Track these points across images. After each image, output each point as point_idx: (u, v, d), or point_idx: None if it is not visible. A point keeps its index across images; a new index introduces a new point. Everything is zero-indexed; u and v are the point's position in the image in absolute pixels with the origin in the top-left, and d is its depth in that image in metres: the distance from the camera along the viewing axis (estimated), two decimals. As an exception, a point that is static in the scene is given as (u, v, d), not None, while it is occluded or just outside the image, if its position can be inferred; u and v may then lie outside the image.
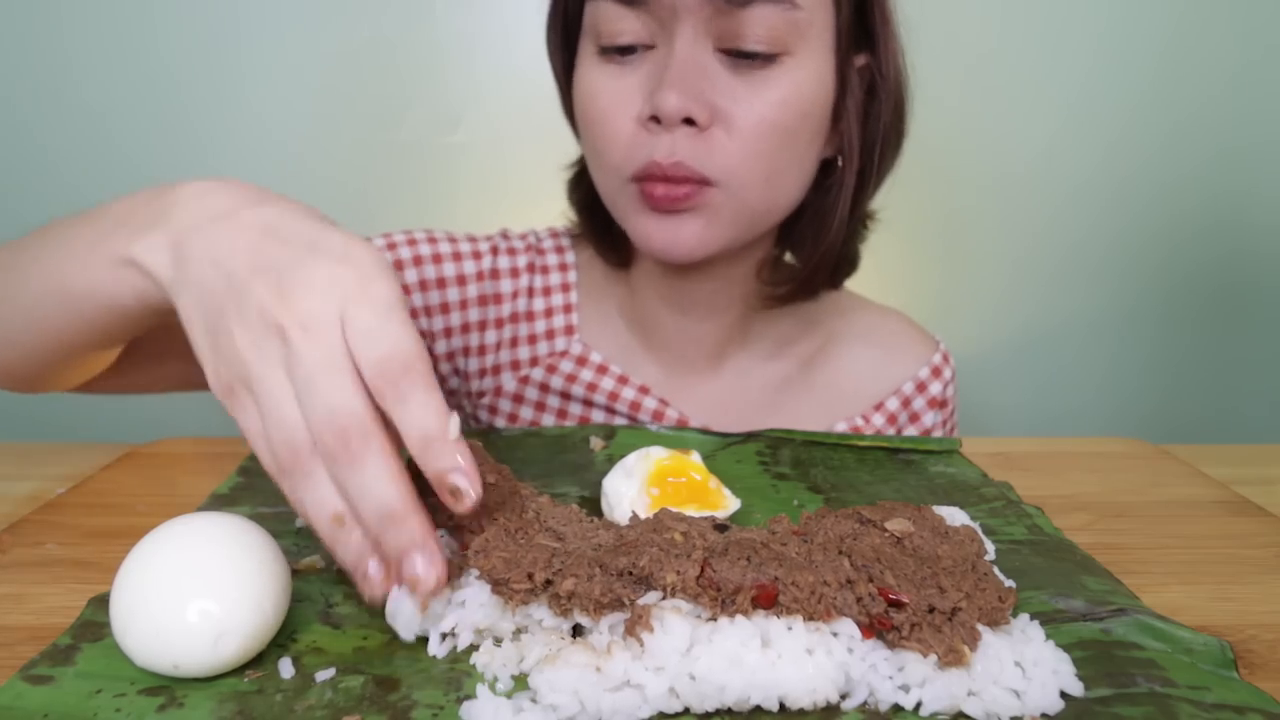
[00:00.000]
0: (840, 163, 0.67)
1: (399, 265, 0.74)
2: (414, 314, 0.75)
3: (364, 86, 1.20)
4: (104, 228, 0.44)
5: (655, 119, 0.60)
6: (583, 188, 0.75)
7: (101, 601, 0.39)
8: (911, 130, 0.70)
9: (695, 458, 0.50)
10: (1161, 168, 1.25)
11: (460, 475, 0.35)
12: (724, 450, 0.60)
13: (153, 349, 0.58)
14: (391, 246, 0.75)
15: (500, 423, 0.78)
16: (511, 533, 0.40)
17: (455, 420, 0.36)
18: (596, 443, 0.60)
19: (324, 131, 1.22)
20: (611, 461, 0.52)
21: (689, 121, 0.60)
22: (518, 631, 0.38)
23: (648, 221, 0.64)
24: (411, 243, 0.76)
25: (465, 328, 0.77)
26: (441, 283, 0.76)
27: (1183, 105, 1.23)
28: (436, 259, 0.76)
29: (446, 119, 1.22)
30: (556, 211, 0.81)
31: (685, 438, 0.61)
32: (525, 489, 0.45)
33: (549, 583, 0.37)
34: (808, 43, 0.60)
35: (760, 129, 0.60)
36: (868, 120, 0.66)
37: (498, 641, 0.37)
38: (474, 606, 0.37)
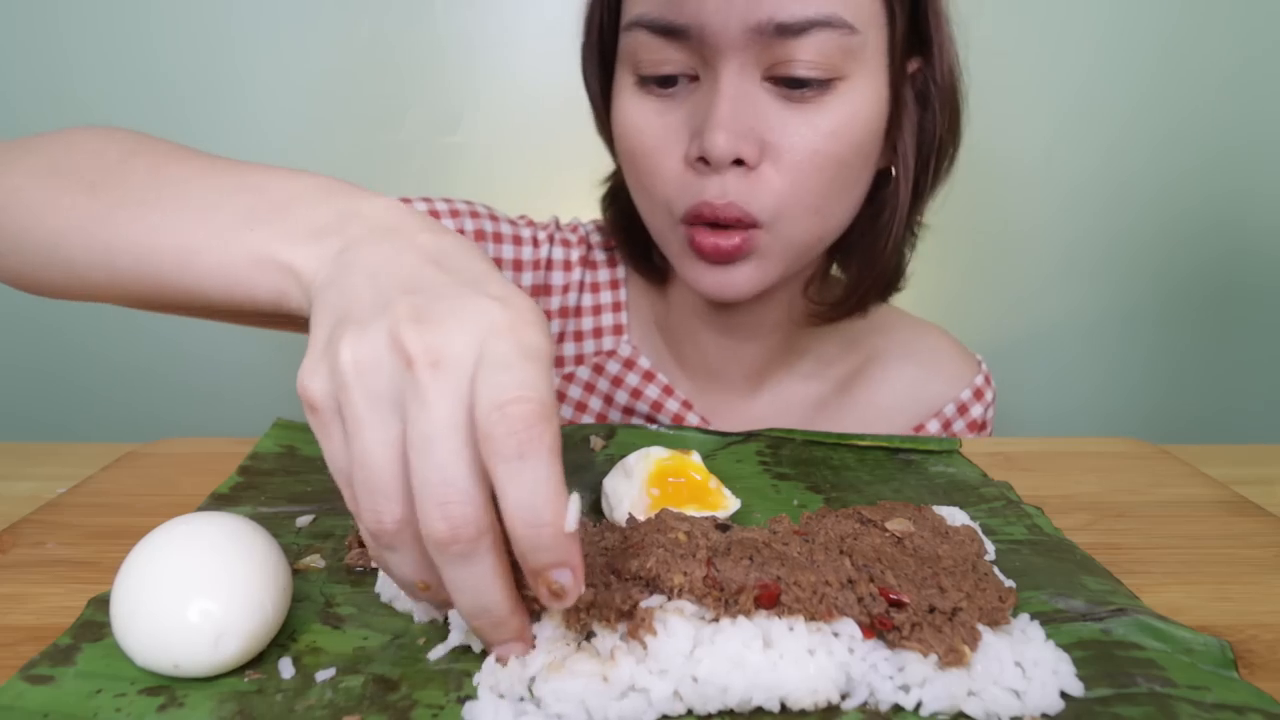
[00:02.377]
0: (894, 174, 0.63)
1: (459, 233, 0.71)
2: None
3: (364, 86, 1.20)
4: (256, 205, 0.39)
5: (703, 159, 0.57)
6: (618, 205, 0.72)
7: (101, 601, 0.39)
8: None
9: (695, 458, 0.50)
10: (1161, 168, 1.25)
11: (567, 573, 0.30)
12: (724, 450, 0.60)
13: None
14: (455, 214, 0.72)
15: None
16: None
17: (575, 505, 0.29)
18: (596, 442, 0.60)
19: (323, 131, 1.22)
20: (611, 461, 0.52)
21: (738, 161, 0.57)
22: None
23: (697, 267, 0.62)
24: (474, 215, 0.72)
25: None
26: (498, 264, 0.72)
27: (1183, 105, 1.23)
28: (497, 238, 0.73)
29: (446, 119, 1.22)
30: (557, 211, 0.81)
31: (685, 437, 0.61)
32: None
33: None
34: (862, 64, 0.57)
35: (813, 162, 0.57)
36: (921, 130, 0.63)
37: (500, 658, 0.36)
38: None
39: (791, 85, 0.56)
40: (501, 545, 0.30)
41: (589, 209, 0.78)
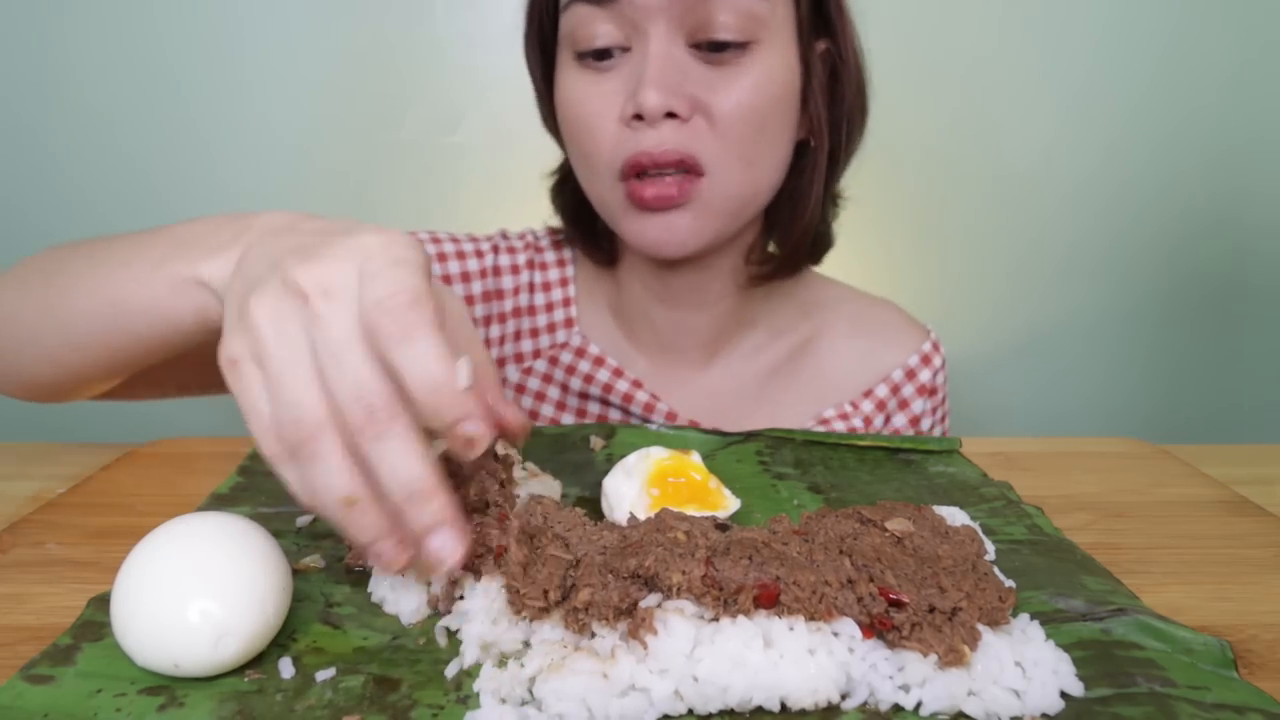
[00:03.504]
0: (812, 144, 0.70)
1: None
2: None
3: (365, 86, 1.21)
4: (168, 248, 0.45)
5: (639, 116, 0.62)
6: (566, 192, 0.77)
7: (101, 601, 0.39)
8: (911, 130, 0.71)
9: (695, 458, 0.50)
10: (1160, 168, 1.25)
11: (473, 423, 0.34)
12: (724, 450, 0.60)
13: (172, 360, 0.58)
14: None
15: None
16: (526, 539, 0.38)
17: (465, 364, 0.34)
18: (596, 442, 0.60)
19: (325, 131, 1.22)
20: (611, 461, 0.52)
21: (671, 115, 0.62)
22: (525, 645, 0.37)
23: (639, 220, 0.66)
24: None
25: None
26: (446, 280, 0.77)
27: (1182, 105, 1.23)
28: (441, 258, 0.78)
29: (447, 119, 1.22)
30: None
31: (685, 437, 0.61)
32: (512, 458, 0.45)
33: (562, 600, 0.36)
34: (773, 32, 0.64)
35: (739, 114, 0.63)
36: (833, 102, 0.70)
37: (500, 663, 0.36)
38: (479, 618, 0.37)
39: (713, 49, 0.63)
40: (417, 432, 0.34)
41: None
